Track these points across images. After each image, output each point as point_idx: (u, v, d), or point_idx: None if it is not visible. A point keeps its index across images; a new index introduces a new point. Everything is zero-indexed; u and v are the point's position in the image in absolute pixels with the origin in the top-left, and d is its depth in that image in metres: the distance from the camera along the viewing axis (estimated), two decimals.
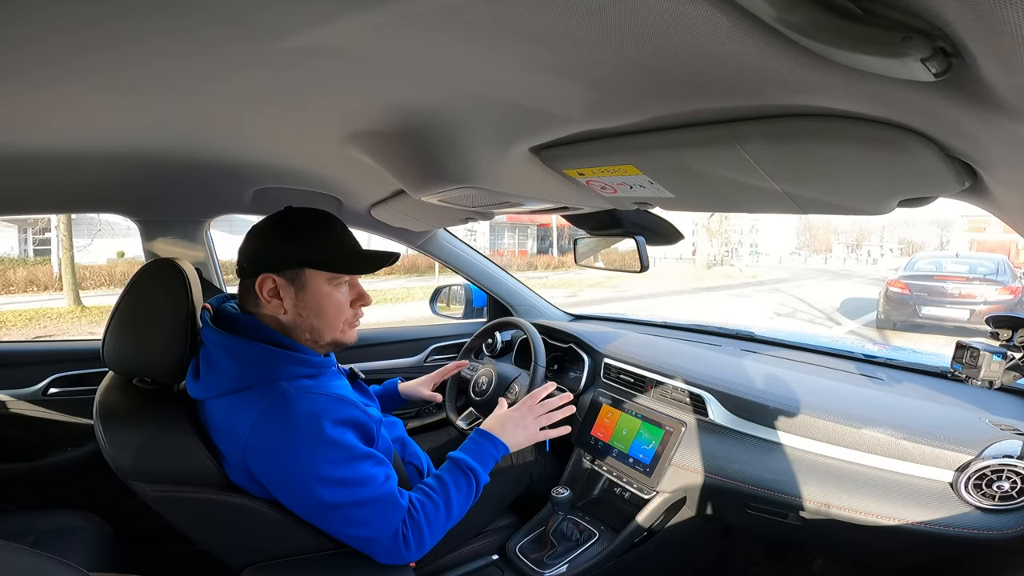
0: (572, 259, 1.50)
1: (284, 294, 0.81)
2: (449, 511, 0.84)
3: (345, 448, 0.76)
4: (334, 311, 0.84)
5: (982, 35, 0.29)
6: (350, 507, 0.76)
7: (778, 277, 16.96)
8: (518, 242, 22.92)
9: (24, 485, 1.33)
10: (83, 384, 1.40)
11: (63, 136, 0.79)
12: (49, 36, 0.44)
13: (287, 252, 0.80)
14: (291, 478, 0.75)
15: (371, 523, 0.77)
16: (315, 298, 0.82)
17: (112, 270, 11.02)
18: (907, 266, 7.58)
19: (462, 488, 0.87)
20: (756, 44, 0.37)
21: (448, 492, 0.85)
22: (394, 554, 0.79)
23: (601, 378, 1.47)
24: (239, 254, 0.84)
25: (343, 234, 0.85)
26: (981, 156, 0.48)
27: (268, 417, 0.74)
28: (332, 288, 0.83)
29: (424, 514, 0.81)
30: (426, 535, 0.81)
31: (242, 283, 0.85)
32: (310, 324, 0.83)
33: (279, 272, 0.80)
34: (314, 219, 0.84)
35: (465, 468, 0.88)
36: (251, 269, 0.81)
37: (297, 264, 0.81)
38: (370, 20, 0.40)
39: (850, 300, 10.69)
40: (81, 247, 9.34)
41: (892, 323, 7.05)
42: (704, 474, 1.12)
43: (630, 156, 0.68)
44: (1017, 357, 0.85)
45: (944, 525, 0.88)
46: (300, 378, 0.80)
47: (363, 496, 0.76)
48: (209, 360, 0.80)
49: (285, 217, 0.83)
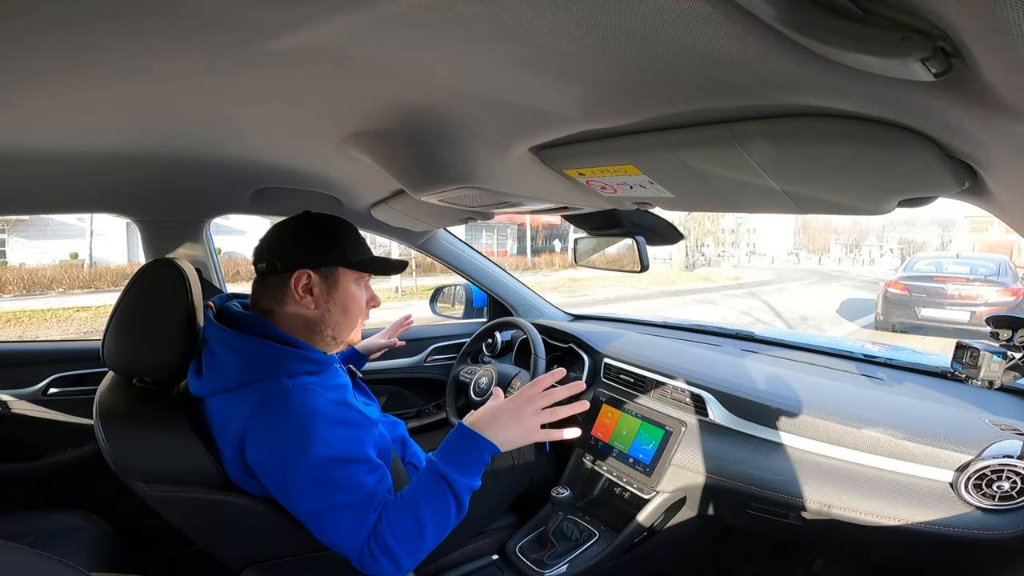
0: (545, 261, 1.50)
1: (316, 291, 0.84)
2: (420, 524, 0.73)
3: (333, 447, 0.74)
4: (357, 309, 0.89)
5: (982, 35, 0.28)
6: (326, 511, 0.72)
7: (761, 279, 16.38)
8: (497, 242, 21.80)
9: (24, 485, 1.33)
10: (83, 384, 1.40)
11: (64, 137, 0.79)
12: (49, 38, 0.44)
13: (326, 251, 0.85)
14: (280, 472, 0.74)
15: (342, 531, 0.72)
16: (344, 296, 0.87)
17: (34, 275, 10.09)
18: (906, 266, 7.43)
19: (434, 497, 0.74)
20: (756, 44, 0.37)
21: (416, 503, 0.74)
22: (372, 568, 0.73)
23: (601, 378, 1.47)
24: (265, 252, 0.85)
25: (363, 239, 0.92)
26: (981, 156, 0.48)
27: (264, 411, 0.75)
28: (357, 288, 0.89)
29: (390, 527, 0.72)
30: (396, 551, 0.71)
31: (265, 280, 0.85)
32: (335, 320, 0.87)
33: (315, 269, 0.84)
34: (342, 223, 0.89)
35: (437, 474, 0.75)
36: (284, 265, 0.84)
37: (334, 262, 0.85)
38: (367, 19, 0.40)
39: (849, 301, 10.67)
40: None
41: (891, 325, 6.90)
42: (704, 474, 1.12)
43: (630, 156, 0.68)
44: (1017, 357, 0.85)
45: (944, 525, 0.88)
46: (301, 375, 0.80)
47: (339, 500, 0.72)
48: (212, 357, 0.81)
49: (315, 219, 0.87)
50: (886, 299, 6.91)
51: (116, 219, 12.10)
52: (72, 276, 10.29)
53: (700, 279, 15.63)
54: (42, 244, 10.47)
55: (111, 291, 9.81)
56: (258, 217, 1.94)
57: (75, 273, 10.34)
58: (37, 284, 9.88)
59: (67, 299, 9.14)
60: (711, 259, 23.70)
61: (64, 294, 9.65)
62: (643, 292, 11.99)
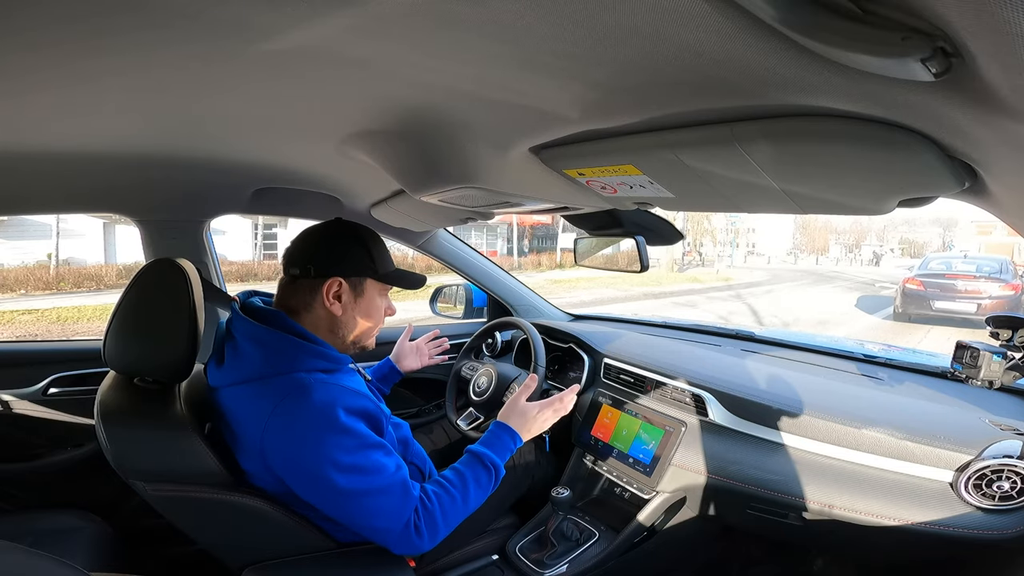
0: (532, 262, 1.51)
1: (345, 298, 0.89)
2: (467, 503, 0.87)
3: (358, 436, 0.79)
4: (377, 318, 0.94)
5: (982, 35, 0.28)
6: (363, 495, 0.78)
7: (753, 281, 16.03)
8: (487, 242, 20.93)
9: (24, 485, 1.33)
10: (83, 384, 1.40)
11: (64, 137, 0.79)
12: (50, 38, 0.44)
13: (359, 261, 0.90)
14: (307, 466, 0.77)
15: (384, 513, 0.79)
16: (369, 305, 0.92)
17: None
18: (921, 265, 8.64)
19: (482, 482, 0.90)
20: (756, 44, 0.37)
21: (467, 486, 0.88)
22: (407, 544, 0.81)
23: (601, 378, 1.47)
24: (298, 255, 0.88)
25: (388, 252, 0.96)
26: (981, 156, 0.48)
27: (285, 406, 0.77)
28: (381, 298, 0.94)
29: (439, 505, 0.83)
30: (440, 526, 0.83)
31: (296, 282, 0.89)
32: (357, 326, 0.91)
33: (347, 278, 0.88)
34: (373, 235, 0.94)
35: (488, 463, 0.91)
36: (318, 271, 0.87)
37: (365, 273, 0.90)
38: (363, 19, 0.40)
39: (865, 298, 11.31)
40: None
41: (908, 316, 7.98)
42: (704, 474, 1.12)
43: (630, 156, 0.68)
44: (1017, 357, 0.85)
45: (944, 525, 0.88)
46: (318, 371, 0.83)
47: (376, 484, 0.78)
48: (235, 348, 0.84)
49: (353, 229, 0.91)
50: (904, 294, 8.08)
51: (92, 219, 11.85)
52: (37, 277, 9.91)
53: (689, 280, 15.25)
54: (21, 244, 10.32)
55: (73, 293, 9.61)
56: (238, 217, 1.91)
57: (40, 275, 9.98)
58: (4, 286, 9.57)
59: (26, 302, 8.82)
60: (706, 259, 23.51)
61: (26, 296, 9.38)
62: (624, 294, 11.78)
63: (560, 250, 19.30)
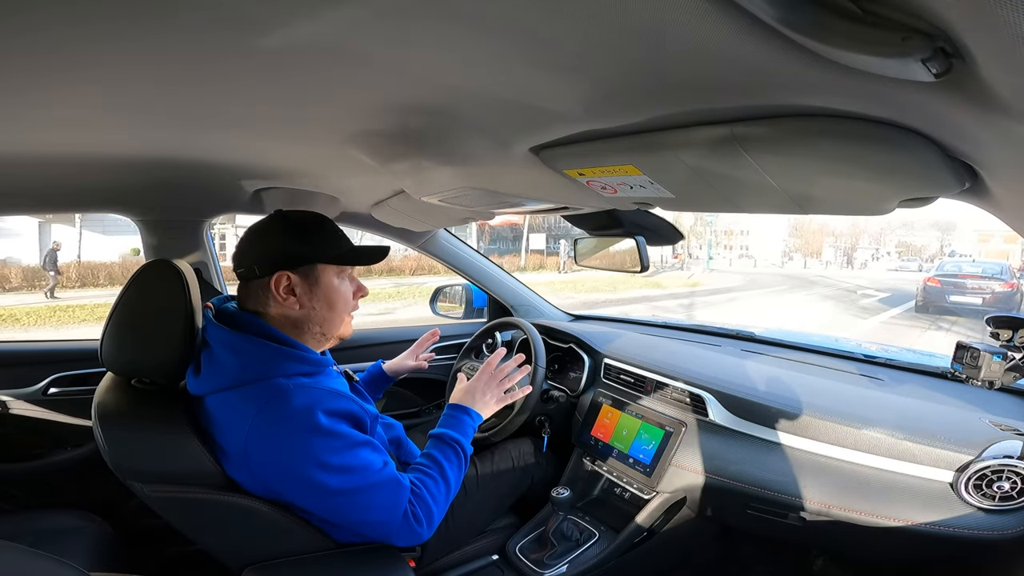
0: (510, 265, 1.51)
1: (299, 290, 0.85)
2: (447, 483, 0.88)
3: (342, 436, 0.78)
4: (343, 303, 0.90)
5: (982, 35, 0.29)
6: (355, 492, 0.78)
7: (720, 287, 15.13)
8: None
9: (24, 485, 1.33)
10: (83, 384, 1.40)
11: (64, 136, 0.79)
12: (50, 38, 0.44)
13: (300, 250, 0.85)
14: (295, 471, 0.76)
15: (379, 506, 0.79)
16: (327, 291, 0.88)
17: None
18: (938, 268, 10.95)
19: (452, 459, 0.91)
20: (756, 44, 0.37)
21: (441, 465, 0.89)
22: (408, 534, 0.81)
23: (601, 378, 1.47)
24: (242, 257, 0.86)
25: (340, 232, 0.91)
26: (981, 156, 0.48)
27: (267, 412, 0.76)
28: (339, 282, 0.90)
29: (427, 489, 0.85)
30: (433, 509, 0.84)
31: (247, 284, 0.87)
32: (322, 317, 0.88)
33: (294, 269, 0.84)
34: (314, 219, 0.89)
35: (449, 440, 0.92)
36: (263, 269, 0.84)
37: (311, 260, 0.86)
38: (363, 14, 0.40)
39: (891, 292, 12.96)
40: None
41: (927, 308, 10.00)
42: (704, 474, 1.12)
43: (630, 156, 0.68)
44: (1017, 357, 0.85)
45: (944, 525, 0.88)
46: (298, 375, 0.81)
47: (366, 481, 0.78)
48: (211, 356, 0.82)
49: (286, 219, 0.87)
50: (924, 290, 10.10)
51: (29, 217, 11.17)
52: None
53: (651, 285, 14.39)
54: None
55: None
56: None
57: None
58: None
59: None
60: (686, 263, 23.25)
61: None
62: (568, 301, 10.65)
63: (528, 252, 18.72)
